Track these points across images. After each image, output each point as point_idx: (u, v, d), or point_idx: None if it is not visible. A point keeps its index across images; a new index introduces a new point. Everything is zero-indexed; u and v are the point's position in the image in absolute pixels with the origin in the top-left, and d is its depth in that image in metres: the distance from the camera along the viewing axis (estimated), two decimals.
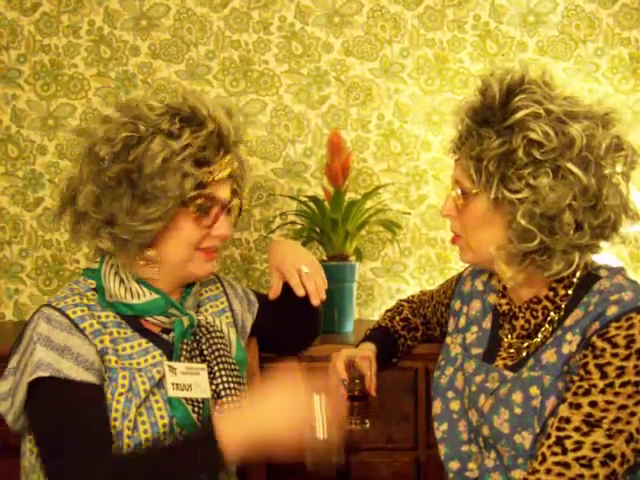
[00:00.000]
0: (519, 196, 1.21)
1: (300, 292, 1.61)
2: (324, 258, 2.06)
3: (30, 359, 1.30)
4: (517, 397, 1.25)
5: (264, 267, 2.29)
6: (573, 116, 1.23)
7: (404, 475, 1.80)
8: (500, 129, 1.23)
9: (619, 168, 1.25)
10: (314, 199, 2.07)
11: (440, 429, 1.38)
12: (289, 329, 1.71)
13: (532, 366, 1.27)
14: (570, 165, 1.20)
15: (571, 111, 1.23)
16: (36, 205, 2.31)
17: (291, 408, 1.25)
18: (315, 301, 1.62)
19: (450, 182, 1.35)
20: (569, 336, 1.24)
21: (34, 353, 1.29)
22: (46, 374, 1.27)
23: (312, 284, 1.61)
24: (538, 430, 1.21)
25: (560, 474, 1.15)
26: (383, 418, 1.77)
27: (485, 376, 1.33)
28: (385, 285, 2.31)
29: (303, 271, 1.61)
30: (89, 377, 1.30)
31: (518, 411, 1.24)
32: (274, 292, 1.64)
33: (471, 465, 1.33)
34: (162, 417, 1.34)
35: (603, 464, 1.14)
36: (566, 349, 1.23)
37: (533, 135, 1.20)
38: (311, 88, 2.29)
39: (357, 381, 1.50)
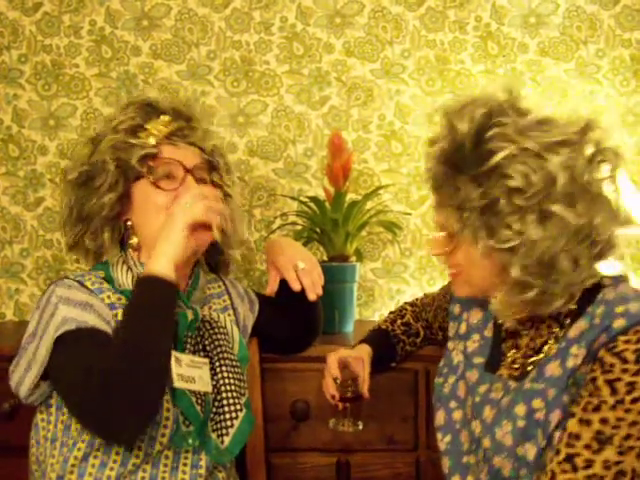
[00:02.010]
0: (509, 245, 1.18)
1: (296, 287, 1.61)
2: (325, 259, 2.06)
3: (52, 320, 1.31)
4: (520, 410, 1.23)
5: (265, 267, 2.29)
6: (550, 148, 1.17)
7: (404, 476, 1.80)
8: (477, 175, 1.18)
9: (605, 173, 1.20)
10: (315, 200, 2.07)
11: (444, 440, 1.36)
12: (289, 329, 1.71)
13: (535, 378, 1.25)
14: (556, 207, 1.15)
15: (547, 142, 1.18)
16: (37, 205, 2.31)
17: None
18: (311, 296, 1.62)
19: (434, 223, 1.31)
20: (574, 349, 1.21)
21: (56, 313, 1.31)
22: (72, 327, 1.29)
23: (308, 279, 1.62)
24: (544, 443, 1.20)
25: None
26: (383, 419, 1.77)
27: (489, 386, 1.32)
28: (385, 286, 2.31)
29: (299, 266, 1.62)
30: (110, 331, 1.32)
31: (521, 424, 1.22)
32: (270, 288, 1.65)
33: (469, 478, 1.32)
34: (167, 409, 1.34)
35: None
36: (571, 362, 1.21)
37: (513, 183, 1.15)
38: (312, 89, 2.29)
39: (350, 382, 1.50)
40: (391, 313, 1.73)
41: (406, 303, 1.75)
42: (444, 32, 2.27)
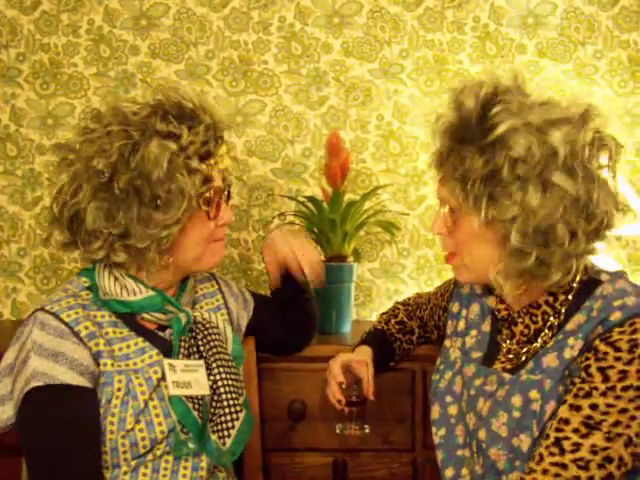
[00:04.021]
0: (509, 215, 1.20)
1: (294, 267, 1.63)
2: (322, 258, 2.06)
3: (24, 368, 1.30)
4: (516, 400, 1.25)
5: (262, 267, 2.29)
6: (552, 123, 1.21)
7: (401, 476, 1.80)
8: (481, 146, 1.21)
9: (604, 161, 1.24)
10: (313, 199, 2.07)
11: (438, 434, 1.38)
12: (285, 328, 1.71)
13: (532, 369, 1.27)
14: (556, 177, 1.18)
15: (549, 119, 1.21)
16: (34, 204, 2.31)
17: None
18: (315, 279, 1.65)
19: (438, 199, 1.34)
20: (571, 340, 1.24)
21: (28, 363, 1.29)
22: (40, 383, 1.27)
23: (307, 263, 1.65)
24: (537, 434, 1.21)
25: (557, 475, 1.15)
26: (380, 420, 1.77)
27: (484, 379, 1.33)
28: (383, 286, 2.31)
29: (297, 251, 1.64)
30: (83, 382, 1.31)
31: (517, 414, 1.24)
32: (273, 280, 1.66)
33: (463, 471, 1.33)
34: (160, 424, 1.34)
35: (600, 466, 1.14)
36: (568, 353, 1.23)
37: (515, 153, 1.18)
38: (310, 88, 2.29)
39: (354, 386, 1.50)
40: (384, 314, 1.73)
41: (398, 303, 1.75)
42: (442, 32, 2.27)
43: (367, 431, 1.53)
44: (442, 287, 1.62)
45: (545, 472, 1.16)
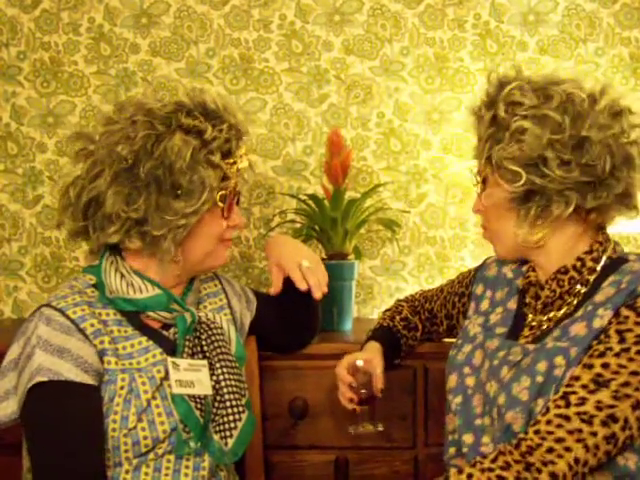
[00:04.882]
0: (507, 151, 1.26)
1: (302, 286, 1.61)
2: (323, 256, 2.06)
3: (29, 363, 1.29)
4: (541, 366, 1.26)
5: (263, 265, 2.29)
6: (556, 82, 1.30)
7: (403, 474, 1.80)
8: (496, 108, 1.31)
9: (634, 135, 1.29)
10: (314, 197, 2.07)
11: (455, 401, 1.38)
12: (287, 327, 1.71)
13: (559, 337, 1.28)
14: (547, 111, 1.25)
15: (556, 80, 1.31)
16: (35, 202, 2.31)
17: None
18: (317, 294, 1.62)
19: (475, 176, 1.41)
20: (600, 311, 1.25)
21: (33, 358, 1.29)
22: (45, 379, 1.27)
23: (314, 277, 1.62)
24: (552, 396, 1.23)
25: (559, 425, 1.16)
26: (382, 417, 1.76)
27: (508, 350, 1.34)
28: (384, 284, 2.31)
29: (304, 265, 1.62)
30: (88, 379, 1.31)
31: (540, 379, 1.25)
32: (275, 287, 1.64)
33: (485, 439, 1.32)
34: (162, 423, 1.34)
35: (604, 424, 1.15)
36: (597, 323, 1.25)
37: (513, 98, 1.28)
38: (311, 86, 2.29)
39: (363, 383, 1.50)
40: (387, 311, 1.73)
41: (400, 300, 1.75)
42: (443, 30, 2.27)
43: (380, 428, 1.53)
44: (459, 276, 1.63)
45: (549, 422, 1.17)
